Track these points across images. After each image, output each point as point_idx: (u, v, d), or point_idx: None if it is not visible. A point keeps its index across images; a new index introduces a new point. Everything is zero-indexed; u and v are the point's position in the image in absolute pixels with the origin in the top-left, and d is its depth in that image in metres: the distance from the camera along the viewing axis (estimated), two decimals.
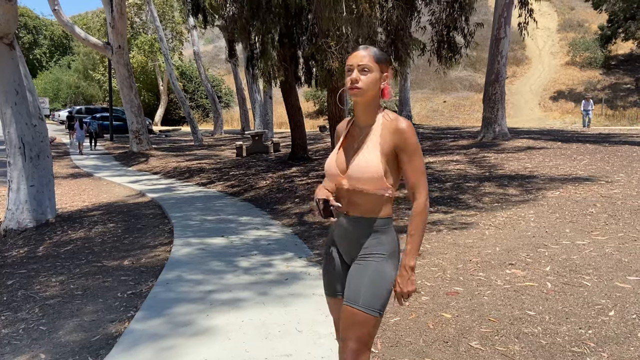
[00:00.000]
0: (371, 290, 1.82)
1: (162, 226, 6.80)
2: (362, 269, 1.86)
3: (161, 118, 40.99)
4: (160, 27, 24.37)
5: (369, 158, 1.82)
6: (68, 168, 15.19)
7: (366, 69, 1.84)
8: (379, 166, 1.81)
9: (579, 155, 9.65)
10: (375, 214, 1.87)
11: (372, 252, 1.87)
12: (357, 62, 1.85)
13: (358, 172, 1.83)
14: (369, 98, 1.87)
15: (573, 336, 2.91)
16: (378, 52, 1.87)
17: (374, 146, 1.84)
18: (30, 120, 7.05)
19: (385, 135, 1.84)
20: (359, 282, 1.84)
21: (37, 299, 4.15)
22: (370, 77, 1.84)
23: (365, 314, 1.81)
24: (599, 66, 39.45)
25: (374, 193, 1.84)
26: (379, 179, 1.81)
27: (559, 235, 4.88)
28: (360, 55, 1.86)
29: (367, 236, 1.88)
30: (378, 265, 1.85)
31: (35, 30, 62.91)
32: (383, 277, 1.84)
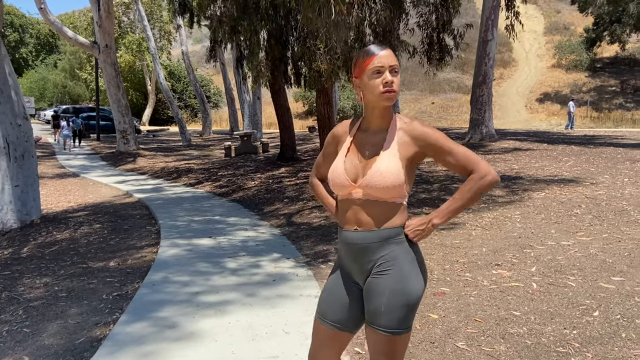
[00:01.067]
0: (393, 308, 1.68)
1: (149, 227, 6.75)
2: (381, 285, 1.70)
3: (149, 118, 40.74)
4: (148, 26, 24.22)
5: (389, 165, 1.68)
6: (54, 168, 15.02)
7: (396, 70, 1.71)
8: (401, 173, 1.68)
9: (564, 157, 9.75)
10: (391, 223, 1.72)
11: (390, 266, 1.71)
12: (389, 63, 1.70)
13: (378, 180, 1.68)
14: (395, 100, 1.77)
15: (558, 336, 2.94)
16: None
17: (393, 152, 1.71)
18: (15, 119, 6.96)
19: (405, 140, 1.72)
20: (379, 302, 1.70)
21: (20, 300, 4.09)
22: (398, 79, 1.73)
23: (389, 335, 1.68)
24: (585, 69, 39.94)
25: (391, 202, 1.71)
26: (399, 186, 1.68)
27: (544, 236, 4.93)
28: (391, 55, 1.71)
29: (383, 248, 1.72)
30: (398, 279, 1.69)
31: (22, 28, 62.17)
32: (404, 291, 1.68)
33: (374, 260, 1.73)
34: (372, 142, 1.76)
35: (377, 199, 1.71)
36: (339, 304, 1.83)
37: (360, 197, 1.73)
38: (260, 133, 22.62)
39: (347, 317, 1.82)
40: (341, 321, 1.83)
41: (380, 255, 1.72)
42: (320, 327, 1.87)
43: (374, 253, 1.73)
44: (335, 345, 1.86)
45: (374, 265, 1.74)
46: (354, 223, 1.76)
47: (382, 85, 1.70)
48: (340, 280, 1.86)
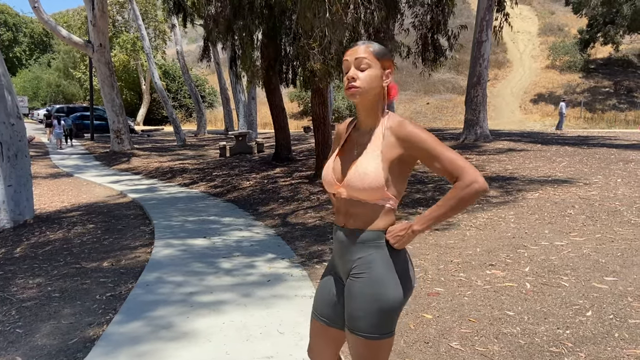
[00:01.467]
0: (366, 313, 1.64)
1: (143, 227, 6.73)
2: (359, 289, 1.67)
3: (143, 118, 40.60)
4: (143, 25, 24.13)
5: (368, 166, 1.64)
6: (47, 168, 14.94)
7: (364, 65, 1.65)
8: (380, 175, 1.62)
9: (558, 158, 9.80)
10: (375, 225, 1.68)
11: (368, 269, 1.66)
12: (354, 56, 1.66)
13: (356, 180, 1.65)
14: (370, 99, 1.68)
15: (551, 336, 2.95)
16: (378, 47, 1.68)
17: (375, 153, 1.65)
18: (8, 119, 6.91)
19: (392, 141, 1.65)
20: (352, 305, 1.67)
21: (13, 301, 4.06)
22: (370, 74, 1.65)
23: (364, 339, 1.65)
24: (579, 70, 40.17)
25: (372, 204, 1.67)
26: (379, 188, 1.63)
27: (538, 236, 4.95)
28: (359, 49, 1.66)
29: (363, 250, 1.69)
30: (370, 285, 1.65)
31: (15, 27, 61.85)
32: (376, 297, 1.63)
33: (353, 261, 1.71)
34: (361, 141, 1.73)
35: (360, 200, 1.68)
36: (328, 299, 1.83)
37: (345, 196, 1.72)
38: (255, 133, 22.60)
39: (335, 313, 1.82)
40: (330, 316, 1.83)
41: (358, 257, 1.70)
42: (313, 321, 1.87)
43: (352, 253, 1.71)
44: (328, 341, 1.85)
45: (353, 266, 1.71)
46: (342, 220, 1.75)
47: (346, 80, 1.67)
48: (331, 276, 1.86)
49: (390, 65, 1.71)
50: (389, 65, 1.70)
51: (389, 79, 1.70)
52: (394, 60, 1.71)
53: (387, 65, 1.70)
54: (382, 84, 1.68)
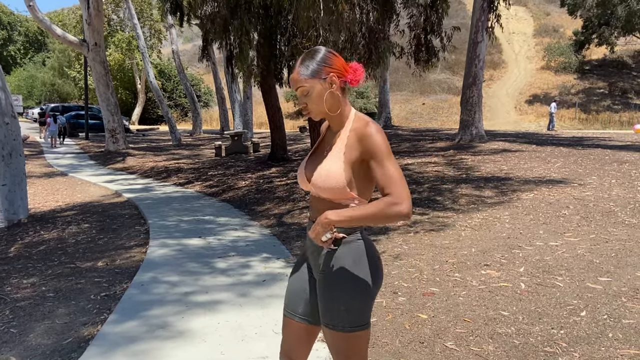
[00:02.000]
0: (344, 305, 1.68)
1: (138, 227, 6.71)
2: (328, 284, 1.72)
3: (139, 117, 40.48)
4: (138, 24, 24.06)
5: (330, 166, 1.69)
6: (42, 167, 14.88)
7: (304, 91, 1.71)
8: (341, 176, 1.66)
9: (553, 158, 9.84)
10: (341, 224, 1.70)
11: (336, 264, 1.71)
12: (295, 87, 1.74)
13: (320, 181, 1.70)
14: (326, 111, 1.73)
15: (545, 336, 2.96)
16: (310, 65, 1.70)
17: (338, 154, 1.70)
18: (2, 118, 6.88)
19: (352, 143, 1.68)
20: (329, 299, 1.71)
21: (7, 300, 4.04)
22: (313, 96, 1.71)
23: (344, 333, 1.69)
24: (573, 71, 40.35)
25: (337, 203, 1.71)
26: (341, 189, 1.67)
27: (532, 237, 4.97)
28: (294, 80, 1.73)
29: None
30: (344, 279, 1.69)
31: (10, 26, 61.55)
32: (351, 290, 1.68)
33: (323, 256, 1.76)
34: (330, 142, 1.78)
35: (325, 199, 1.73)
36: (301, 296, 1.86)
37: (314, 194, 1.78)
38: (251, 133, 22.58)
39: (310, 309, 1.84)
40: (305, 312, 1.85)
41: (326, 252, 1.75)
42: (287, 320, 1.89)
43: (322, 249, 1.76)
44: (303, 339, 1.86)
45: (322, 261, 1.76)
46: (314, 216, 1.80)
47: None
48: (301, 272, 1.89)
49: (329, 69, 1.71)
50: (327, 71, 1.71)
51: (334, 82, 1.71)
52: (332, 60, 1.72)
53: (325, 73, 1.70)
54: (328, 94, 1.71)
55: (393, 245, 5.12)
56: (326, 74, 1.70)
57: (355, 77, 1.73)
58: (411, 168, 9.66)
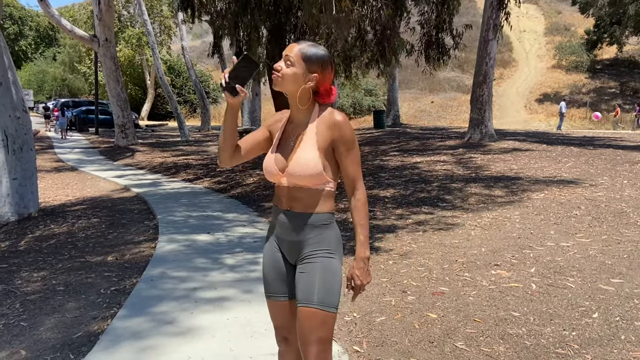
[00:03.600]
0: (324, 287, 1.79)
1: (147, 222, 6.73)
2: (311, 266, 1.82)
3: (148, 113, 40.62)
4: (148, 20, 24.12)
5: (308, 155, 1.79)
6: (52, 162, 14.97)
7: (289, 62, 1.79)
8: (318, 162, 1.79)
9: (564, 158, 9.75)
10: (318, 209, 1.84)
11: (318, 248, 1.83)
12: (285, 53, 1.81)
13: (298, 170, 1.80)
14: (294, 95, 1.82)
15: (557, 338, 2.93)
16: (311, 52, 1.80)
17: (311, 142, 1.81)
18: (13, 112, 6.92)
19: (322, 131, 1.82)
20: (311, 281, 1.80)
21: (18, 294, 4.07)
22: (291, 72, 1.79)
23: (324, 312, 1.78)
24: (585, 70, 39.98)
25: (314, 189, 1.82)
26: (319, 174, 1.79)
27: (543, 237, 4.93)
28: (291, 47, 1.81)
29: (311, 232, 1.84)
30: (326, 261, 1.82)
31: (21, 21, 61.91)
32: (333, 272, 1.81)
33: (305, 240, 1.84)
34: (296, 133, 1.88)
35: (302, 187, 1.82)
36: (279, 277, 1.93)
37: (286, 184, 1.85)
38: None
39: (289, 286, 1.93)
40: (286, 291, 1.93)
41: (310, 237, 1.84)
42: (270, 305, 1.97)
43: (303, 234, 1.84)
44: (291, 314, 1.94)
45: (303, 246, 1.85)
46: (286, 204, 1.87)
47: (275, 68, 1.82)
48: (272, 256, 1.95)
49: (318, 70, 1.80)
50: (316, 70, 1.80)
51: (312, 82, 1.80)
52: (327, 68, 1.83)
53: (314, 69, 1.80)
54: (303, 84, 1.80)
55: (402, 244, 5.09)
56: (315, 71, 1.80)
57: (325, 97, 1.86)
58: (420, 166, 9.62)
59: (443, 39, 11.47)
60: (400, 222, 5.93)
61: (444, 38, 11.49)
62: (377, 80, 33.65)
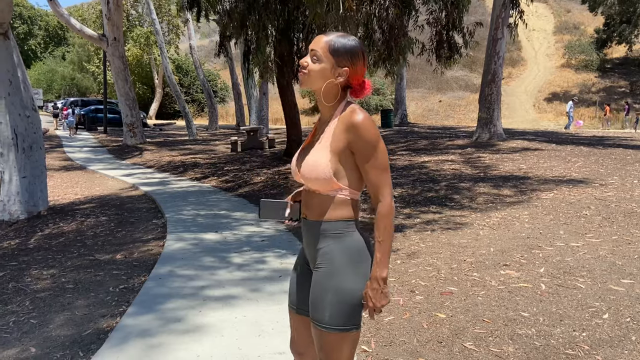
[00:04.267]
0: (331, 305, 1.61)
1: (155, 220, 6.76)
2: (319, 280, 1.66)
3: (156, 112, 40.80)
4: (157, 19, 24.22)
5: (317, 157, 1.64)
6: (61, 160, 15.07)
7: (316, 57, 1.64)
8: (327, 166, 1.61)
9: (573, 158, 9.68)
10: (328, 216, 1.66)
11: (327, 260, 1.65)
12: (311, 47, 1.66)
13: (307, 172, 1.66)
14: (318, 90, 1.67)
15: (567, 338, 2.91)
16: (339, 43, 1.63)
17: (325, 144, 1.64)
18: (23, 111, 6.97)
19: (339, 132, 1.63)
20: (316, 296, 1.65)
21: (27, 291, 4.10)
22: (318, 68, 1.64)
23: (329, 333, 1.62)
24: (595, 69, 39.67)
25: (325, 194, 1.66)
26: (327, 180, 1.62)
27: (553, 237, 4.89)
28: (317, 39, 1.65)
29: (323, 242, 1.67)
30: (335, 276, 1.62)
31: (30, 20, 62.41)
32: (341, 289, 1.61)
33: (317, 250, 1.70)
34: (320, 131, 1.73)
35: (314, 192, 1.69)
36: (299, 288, 1.83)
37: (306, 188, 1.74)
38: (267, 128, 22.60)
39: (304, 299, 1.81)
40: (297, 303, 1.82)
41: (319, 248, 1.68)
42: (290, 311, 1.87)
43: (315, 244, 1.70)
44: (306, 329, 1.84)
45: (317, 256, 1.70)
46: (304, 210, 1.75)
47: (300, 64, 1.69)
48: (296, 264, 1.87)
49: (348, 63, 1.64)
50: (346, 63, 1.64)
51: (341, 77, 1.65)
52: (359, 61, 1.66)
53: (343, 63, 1.63)
54: (332, 79, 1.65)
55: (410, 243, 5.08)
56: (345, 64, 1.64)
57: (360, 92, 1.71)
58: (428, 166, 9.59)
59: (453, 37, 11.42)
60: (408, 222, 5.91)
61: (453, 36, 11.44)
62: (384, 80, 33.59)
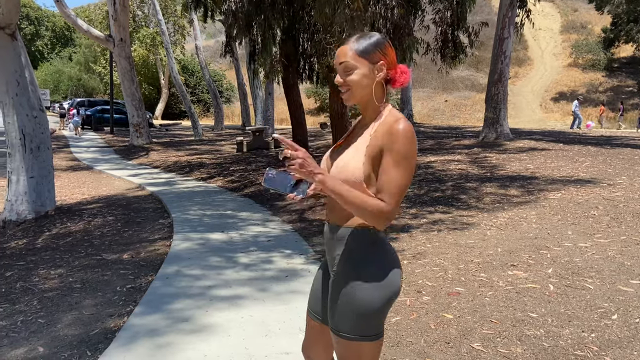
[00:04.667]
0: (346, 313, 1.57)
1: (162, 220, 6.77)
2: (335, 286, 1.62)
3: (162, 112, 40.94)
4: (163, 20, 24.30)
5: (351, 159, 1.55)
6: (68, 160, 15.15)
7: (349, 69, 1.56)
8: (359, 169, 1.52)
9: (580, 157, 9.62)
10: (353, 222, 1.59)
11: (345, 267, 1.59)
12: (338, 62, 1.58)
13: (336, 172, 1.58)
14: (364, 98, 1.60)
15: (576, 339, 2.89)
16: (364, 43, 1.56)
17: (360, 147, 1.56)
18: (30, 111, 7.01)
19: (378, 136, 1.54)
20: (334, 303, 1.61)
21: (35, 291, 4.12)
22: (357, 76, 1.56)
23: (346, 340, 1.58)
24: (602, 68, 39.43)
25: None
26: (356, 184, 1.52)
27: (561, 237, 4.86)
28: (341, 52, 1.58)
29: (342, 247, 1.60)
30: (351, 284, 1.57)
31: (37, 21, 62.80)
32: (357, 299, 1.55)
33: (336, 257, 1.63)
34: (358, 134, 1.64)
35: None
36: (318, 295, 1.79)
37: None
38: (272, 129, 22.62)
39: (324, 309, 1.76)
40: (319, 312, 1.78)
41: (338, 254, 1.62)
42: (307, 316, 1.84)
43: (335, 249, 1.64)
44: (319, 337, 1.81)
45: (335, 262, 1.65)
46: (327, 213, 1.68)
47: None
48: (322, 268, 1.82)
49: (381, 57, 1.57)
50: (379, 57, 1.57)
51: (382, 71, 1.58)
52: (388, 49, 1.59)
53: (377, 58, 1.57)
54: (374, 78, 1.58)
55: (416, 243, 5.06)
56: (377, 60, 1.57)
57: (400, 79, 1.61)
58: (434, 166, 9.55)
59: (458, 37, 11.39)
60: (414, 222, 5.89)
61: (459, 36, 11.41)
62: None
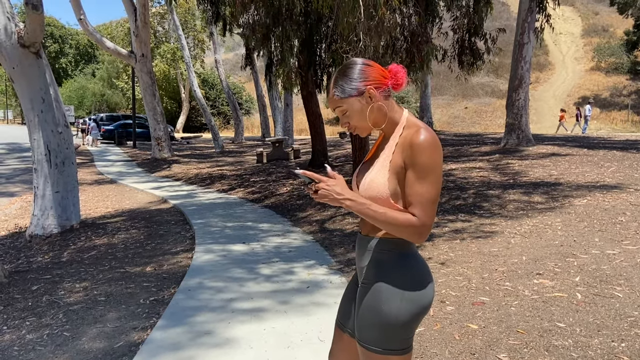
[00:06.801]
0: (372, 326, 1.57)
1: (184, 232, 6.83)
2: (361, 297, 1.63)
3: (183, 125, 41.52)
4: (183, 35, 24.70)
5: (375, 176, 1.59)
6: (92, 175, 15.42)
7: (342, 111, 1.64)
8: (384, 185, 1.56)
9: (606, 162, 9.42)
10: (381, 233, 1.63)
11: (373, 278, 1.61)
12: (331, 108, 1.68)
13: (363, 190, 1.62)
14: (374, 122, 1.65)
15: (605, 349, 2.80)
16: (342, 85, 1.62)
17: (384, 163, 1.59)
18: (55, 127, 7.16)
19: (400, 151, 1.57)
20: (360, 315, 1.62)
21: (61, 304, 4.18)
22: (353, 114, 1.63)
23: (370, 352, 1.58)
24: (625, 71, 38.71)
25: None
26: (383, 200, 1.56)
27: (587, 245, 4.75)
28: (330, 100, 1.66)
29: (371, 258, 1.64)
30: (372, 296, 1.59)
31: (61, 39, 64.46)
32: (376, 310, 1.56)
33: (365, 267, 1.66)
34: (381, 148, 1.67)
35: None
36: (346, 306, 1.80)
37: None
38: (292, 139, 22.72)
39: (351, 320, 1.76)
40: (346, 323, 1.78)
41: (365, 264, 1.65)
42: (335, 326, 1.85)
43: (364, 259, 1.66)
44: (344, 347, 1.80)
45: (364, 271, 1.67)
46: (360, 225, 1.74)
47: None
48: (352, 279, 1.84)
49: (365, 83, 1.60)
50: (363, 85, 1.60)
51: (374, 95, 1.61)
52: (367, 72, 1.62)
53: (362, 88, 1.60)
54: (370, 107, 1.62)
55: (439, 252, 5.00)
56: (363, 89, 1.61)
57: (397, 81, 1.63)
58: (455, 173, 9.46)
59: (475, 44, 11.32)
60: (436, 230, 5.83)
61: (476, 43, 11.33)
62: (409, 87, 33.43)
